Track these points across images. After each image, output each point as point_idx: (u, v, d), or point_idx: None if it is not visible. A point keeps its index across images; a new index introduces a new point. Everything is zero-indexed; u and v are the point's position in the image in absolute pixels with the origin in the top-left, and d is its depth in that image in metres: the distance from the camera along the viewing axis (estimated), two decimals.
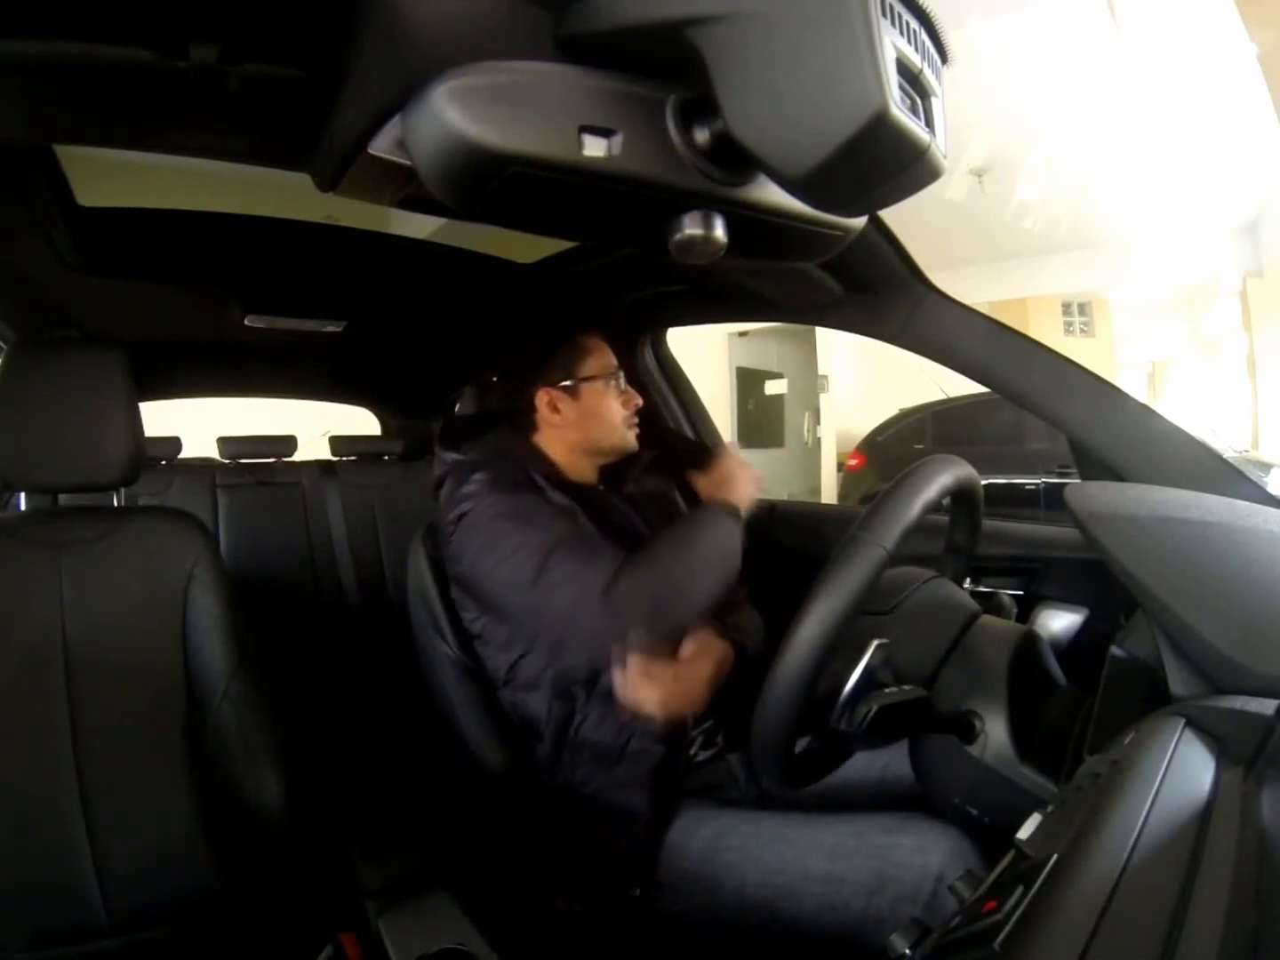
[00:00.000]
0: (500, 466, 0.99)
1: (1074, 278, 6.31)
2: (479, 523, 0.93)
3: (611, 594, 0.85)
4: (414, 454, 2.05)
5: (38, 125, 0.63)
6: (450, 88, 0.44)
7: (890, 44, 0.40)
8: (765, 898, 0.81)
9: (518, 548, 0.90)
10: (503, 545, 0.91)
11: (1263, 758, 0.46)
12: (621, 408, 1.08)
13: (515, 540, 0.90)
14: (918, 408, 5.63)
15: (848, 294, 1.00)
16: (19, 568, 0.89)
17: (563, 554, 0.88)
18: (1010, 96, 3.65)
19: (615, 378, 1.08)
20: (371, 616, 1.75)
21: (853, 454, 5.93)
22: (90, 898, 0.83)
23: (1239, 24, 3.24)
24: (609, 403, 1.07)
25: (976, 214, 4.76)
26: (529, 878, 0.92)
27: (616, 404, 1.07)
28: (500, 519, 0.93)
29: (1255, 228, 5.90)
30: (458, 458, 1.04)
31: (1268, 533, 0.59)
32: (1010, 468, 4.80)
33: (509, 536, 0.91)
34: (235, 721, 0.93)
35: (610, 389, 1.07)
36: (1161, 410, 0.85)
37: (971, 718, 0.69)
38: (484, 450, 1.04)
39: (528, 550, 0.89)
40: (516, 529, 0.91)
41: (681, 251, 0.52)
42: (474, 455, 1.03)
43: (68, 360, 0.93)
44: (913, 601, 0.79)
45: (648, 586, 0.87)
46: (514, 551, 0.90)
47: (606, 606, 0.84)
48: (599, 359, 1.08)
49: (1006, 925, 0.37)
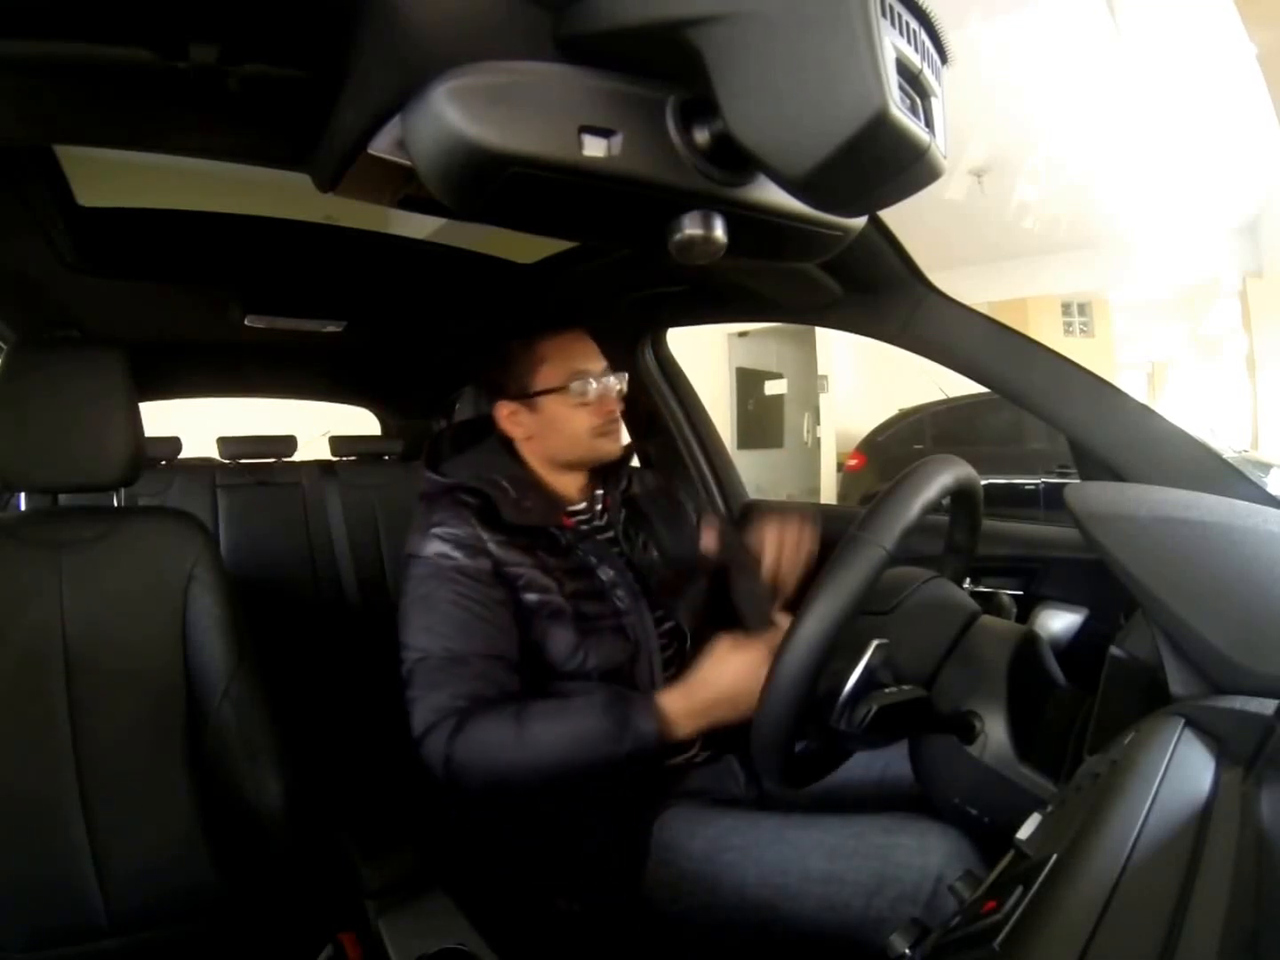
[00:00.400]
0: (453, 512, 0.95)
1: (1074, 278, 6.32)
2: (409, 585, 0.95)
3: (425, 741, 0.86)
4: (414, 454, 2.05)
5: (38, 125, 0.63)
6: (450, 88, 0.44)
7: (890, 44, 0.40)
8: (765, 898, 0.81)
9: (408, 639, 0.92)
10: (406, 625, 0.93)
11: (1262, 758, 0.46)
12: (590, 416, 1.00)
13: (411, 629, 0.92)
14: (917, 408, 5.63)
15: (847, 294, 1.00)
16: (19, 568, 0.89)
17: (426, 670, 0.89)
18: (1010, 96, 3.65)
19: (581, 383, 0.99)
20: (371, 616, 1.74)
21: (852, 454, 5.94)
22: (90, 898, 0.83)
23: (1239, 24, 3.24)
24: (567, 414, 0.99)
25: (976, 214, 4.76)
26: (529, 878, 0.92)
27: (579, 414, 0.99)
28: (416, 601, 0.93)
29: (1255, 228, 5.90)
30: (433, 478, 1.01)
31: (1267, 533, 0.60)
32: (1010, 468, 4.81)
33: (412, 620, 0.92)
34: (235, 721, 0.93)
35: (568, 399, 0.99)
36: (1161, 410, 0.85)
37: (971, 718, 0.69)
38: (462, 470, 1.01)
39: (409, 648, 0.91)
40: (418, 617, 0.92)
41: (681, 251, 0.52)
42: (451, 478, 0.99)
43: (68, 360, 0.93)
44: (912, 601, 0.79)
45: (468, 753, 0.84)
46: (406, 640, 0.92)
47: (422, 747, 0.86)
48: (558, 366, 1.00)
49: (1006, 925, 0.37)
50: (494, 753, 0.84)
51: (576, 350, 1.01)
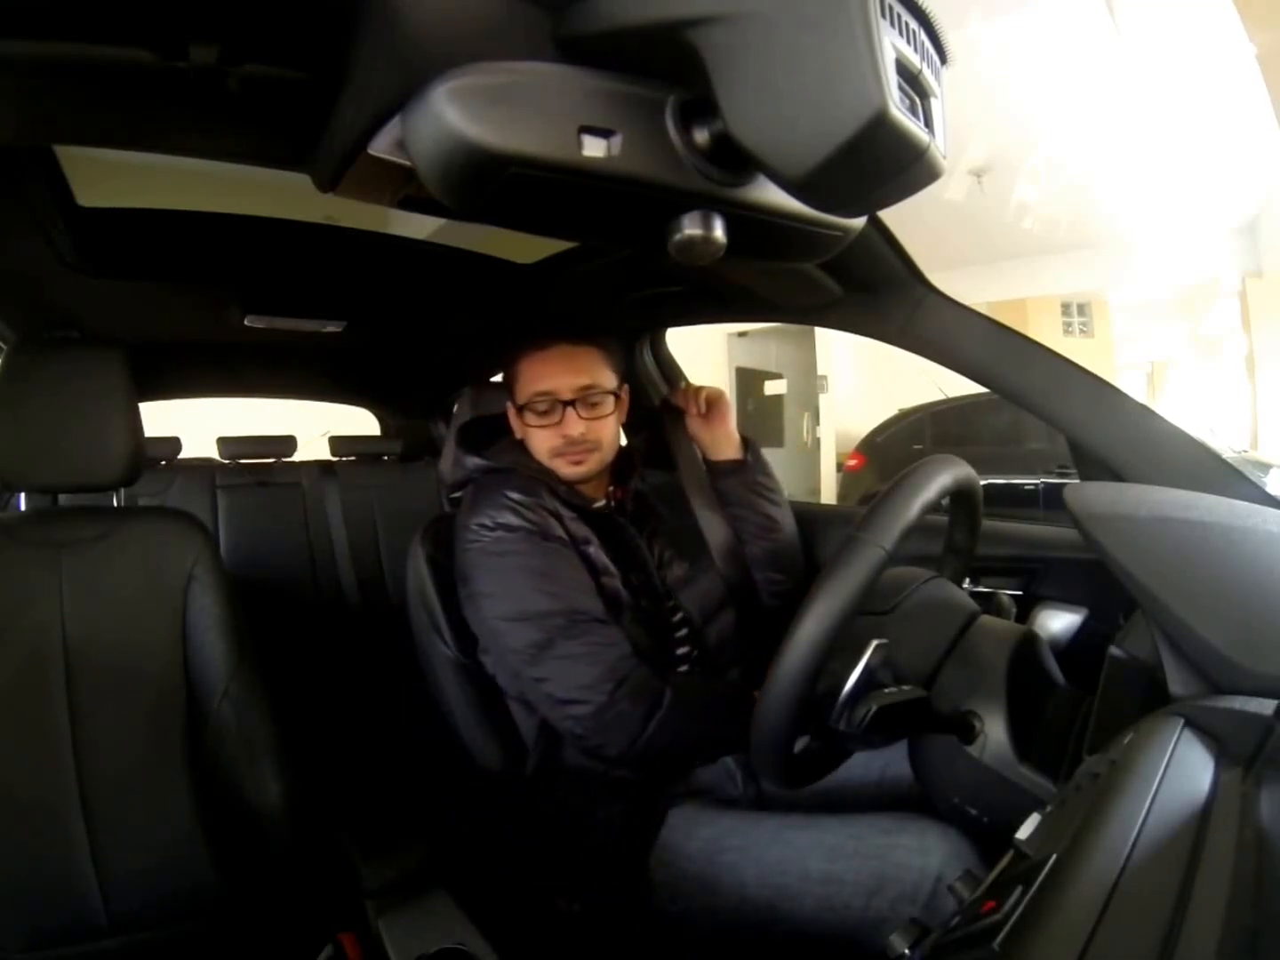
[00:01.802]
0: (524, 484, 0.96)
1: (1073, 278, 6.32)
2: (500, 564, 0.91)
3: (615, 699, 0.84)
4: (414, 454, 2.05)
5: (38, 125, 0.63)
6: (450, 88, 0.44)
7: (890, 44, 0.40)
8: (765, 898, 0.81)
9: (531, 613, 0.88)
10: (518, 601, 0.89)
11: (1262, 758, 0.46)
12: (549, 437, 0.98)
13: (531, 603, 0.88)
14: (917, 408, 5.63)
15: (847, 294, 1.00)
16: (19, 568, 0.89)
17: (573, 634, 0.86)
18: (1010, 97, 3.66)
19: (541, 404, 0.97)
20: (371, 616, 1.75)
21: (852, 454, 5.94)
22: (90, 898, 0.83)
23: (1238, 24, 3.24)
24: (530, 430, 1.00)
25: (976, 214, 4.76)
26: (529, 878, 0.92)
27: (539, 433, 0.99)
28: (523, 573, 0.90)
29: (1255, 228, 5.90)
30: (481, 463, 1.02)
31: (1266, 533, 0.60)
32: (1009, 468, 4.81)
33: (526, 596, 0.89)
34: (235, 721, 0.93)
35: (527, 418, 0.99)
36: (1161, 410, 0.85)
37: (971, 718, 0.69)
38: (504, 457, 1.02)
39: (539, 619, 0.87)
40: (536, 589, 0.89)
41: (681, 252, 0.52)
42: (499, 461, 1.01)
43: (68, 360, 0.93)
44: (912, 602, 0.79)
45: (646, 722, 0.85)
46: (526, 615, 0.88)
47: (606, 710, 0.84)
48: (525, 383, 0.99)
49: (1006, 925, 0.37)
50: (673, 732, 0.86)
51: (547, 370, 0.98)
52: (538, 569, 0.90)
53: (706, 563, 1.10)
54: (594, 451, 1.00)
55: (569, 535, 0.95)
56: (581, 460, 0.99)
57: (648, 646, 0.94)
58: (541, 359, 0.99)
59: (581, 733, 0.86)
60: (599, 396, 0.99)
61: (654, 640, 0.96)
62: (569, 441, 0.98)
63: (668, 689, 0.87)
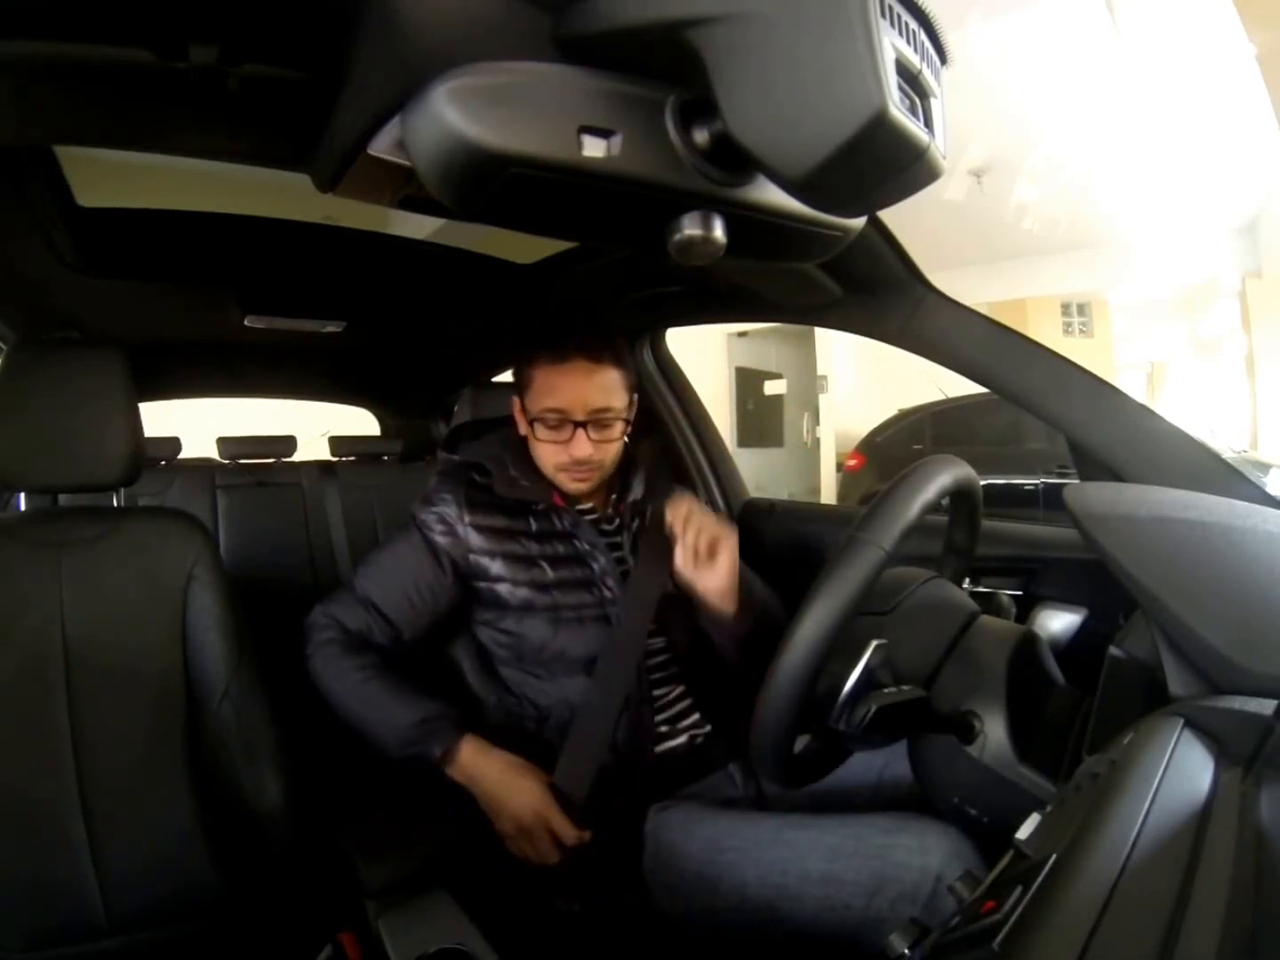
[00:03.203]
0: (450, 489, 1.03)
1: (1073, 278, 6.32)
2: (395, 533, 1.07)
3: (307, 633, 1.00)
4: (413, 455, 2.05)
5: (38, 125, 0.63)
6: (450, 88, 0.44)
7: (889, 45, 0.40)
8: (764, 899, 0.81)
9: (361, 565, 1.07)
10: (368, 556, 1.08)
11: (1261, 758, 0.46)
12: (555, 452, 0.99)
13: (367, 560, 1.07)
14: (917, 408, 5.63)
15: (847, 295, 1.00)
16: (19, 568, 0.89)
17: (344, 593, 1.03)
18: (1009, 97, 3.66)
19: (551, 420, 0.98)
20: None
21: (852, 454, 5.94)
22: (90, 898, 0.82)
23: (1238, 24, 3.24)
24: (534, 442, 1.01)
25: (976, 214, 4.76)
26: (529, 878, 0.92)
27: (545, 446, 1.00)
28: (386, 546, 1.07)
29: (1254, 228, 5.90)
30: (446, 457, 1.09)
31: (1266, 533, 0.60)
32: (1009, 468, 4.81)
33: (371, 556, 1.07)
34: (235, 721, 0.93)
35: (536, 431, 1.00)
36: (1160, 410, 0.85)
37: (970, 718, 0.69)
38: (475, 450, 1.07)
39: (356, 571, 1.06)
40: (375, 556, 1.06)
41: (681, 252, 0.51)
42: (465, 456, 1.07)
43: (68, 361, 0.93)
44: (912, 602, 0.79)
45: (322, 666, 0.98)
46: (359, 566, 1.07)
47: (306, 638, 1.00)
48: (537, 396, 0.99)
49: (1005, 925, 0.37)
50: (334, 679, 0.97)
51: (564, 386, 0.97)
52: (388, 553, 1.05)
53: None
54: (598, 470, 1.02)
55: (464, 546, 1.01)
56: (586, 479, 1.02)
57: (592, 641, 0.99)
58: (559, 373, 0.97)
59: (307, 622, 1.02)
60: (611, 420, 1.00)
61: (607, 634, 0.99)
62: (575, 461, 0.99)
63: (375, 660, 0.98)
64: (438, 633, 1.05)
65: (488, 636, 1.04)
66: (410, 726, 0.93)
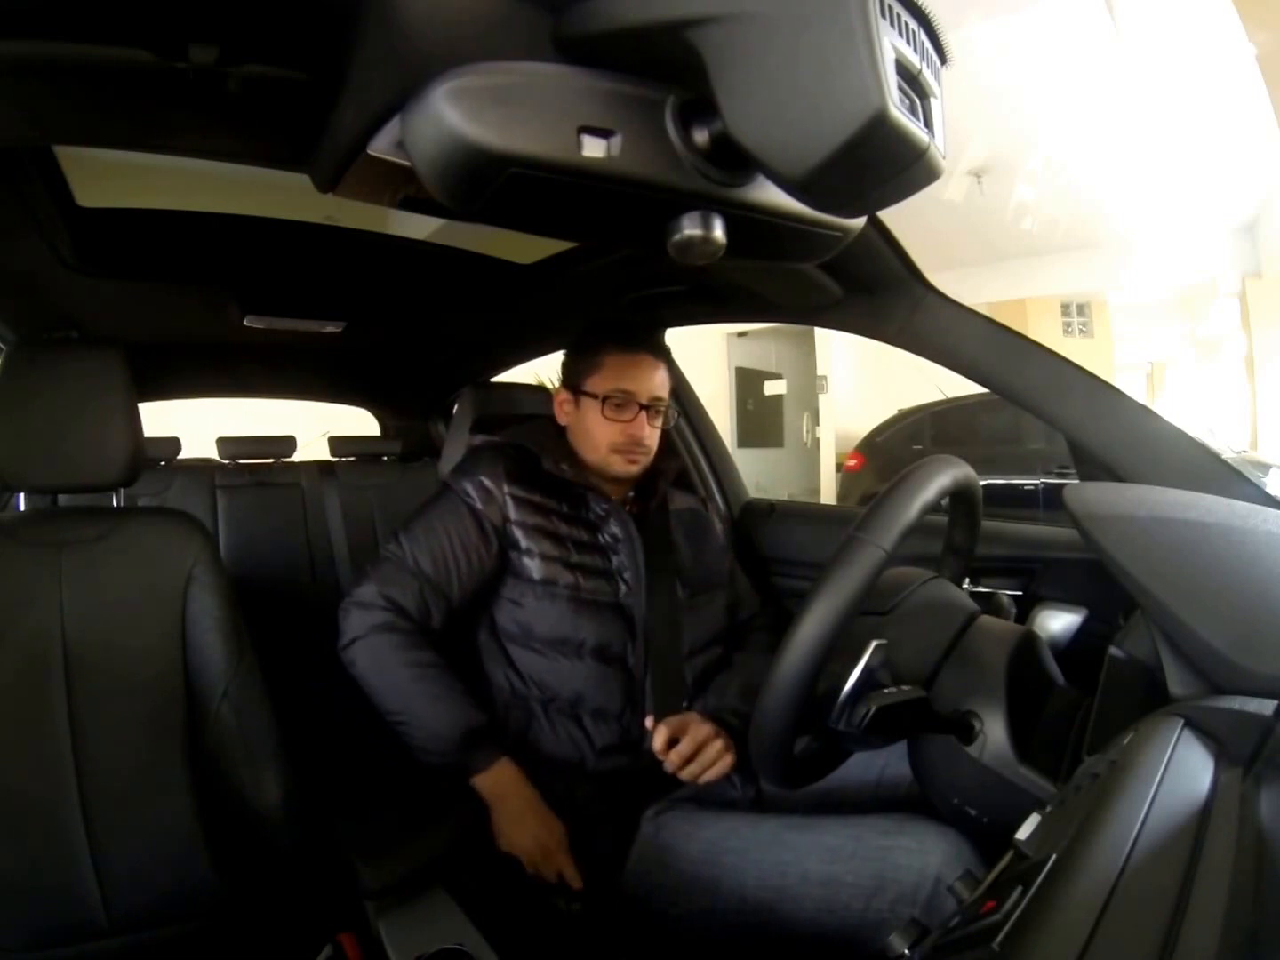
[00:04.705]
0: (491, 462, 1.06)
1: (1073, 278, 6.32)
2: (429, 502, 1.07)
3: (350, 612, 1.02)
4: (413, 454, 2.05)
5: (38, 125, 0.63)
6: (449, 88, 0.44)
7: (889, 45, 0.40)
8: (764, 900, 0.81)
9: (400, 534, 1.05)
10: (406, 525, 1.06)
11: (1261, 758, 0.46)
12: (615, 433, 1.05)
13: (406, 529, 1.05)
14: (916, 408, 5.63)
15: (847, 295, 1.00)
16: (18, 568, 0.89)
17: (390, 564, 1.03)
18: (1009, 97, 3.65)
19: (620, 400, 1.05)
20: None
21: (852, 454, 5.93)
22: (90, 898, 0.82)
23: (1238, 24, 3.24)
24: (596, 420, 1.06)
25: (975, 215, 4.76)
26: (529, 878, 0.92)
27: (606, 426, 1.05)
28: (423, 515, 1.06)
29: (1254, 228, 5.90)
30: (485, 438, 1.14)
31: (1266, 533, 0.60)
32: (1009, 468, 4.81)
33: (411, 524, 1.06)
34: (235, 721, 0.93)
35: (603, 409, 1.05)
36: (1160, 411, 0.85)
37: (970, 718, 0.69)
38: (514, 436, 1.11)
39: (396, 540, 1.05)
40: (415, 524, 1.05)
41: (680, 252, 0.51)
42: (511, 438, 1.11)
43: (68, 360, 0.93)
44: (911, 602, 0.79)
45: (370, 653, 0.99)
46: (399, 535, 1.05)
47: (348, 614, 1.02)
48: (609, 378, 1.05)
49: (1005, 925, 0.37)
50: (384, 667, 0.97)
51: (634, 373, 1.06)
52: (428, 521, 1.05)
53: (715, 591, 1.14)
54: (647, 456, 1.09)
55: (503, 514, 1.03)
56: (637, 461, 1.07)
57: (607, 632, 1.01)
58: (631, 360, 1.06)
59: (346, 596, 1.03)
60: (663, 410, 1.09)
61: (623, 627, 1.02)
62: (634, 441, 1.06)
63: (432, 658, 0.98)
64: (474, 606, 1.06)
65: (504, 612, 1.05)
66: (457, 735, 0.94)
